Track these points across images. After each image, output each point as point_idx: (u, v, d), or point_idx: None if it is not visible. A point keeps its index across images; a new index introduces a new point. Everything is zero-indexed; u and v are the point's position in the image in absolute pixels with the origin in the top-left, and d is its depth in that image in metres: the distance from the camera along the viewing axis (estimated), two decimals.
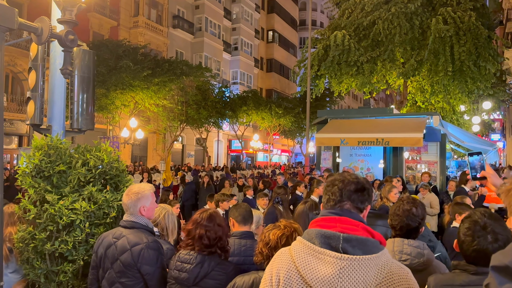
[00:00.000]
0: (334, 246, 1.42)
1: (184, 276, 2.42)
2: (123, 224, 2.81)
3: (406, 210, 2.35)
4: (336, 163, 11.91)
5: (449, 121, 16.71)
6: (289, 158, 44.48)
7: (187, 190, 12.22)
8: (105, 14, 26.36)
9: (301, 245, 1.50)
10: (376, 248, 1.45)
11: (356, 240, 1.43)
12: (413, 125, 10.11)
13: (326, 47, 15.38)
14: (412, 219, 2.34)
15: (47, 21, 3.49)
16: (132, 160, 27.26)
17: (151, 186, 2.99)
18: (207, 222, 2.52)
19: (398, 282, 1.41)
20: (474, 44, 13.46)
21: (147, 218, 2.83)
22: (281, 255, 1.56)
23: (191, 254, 2.47)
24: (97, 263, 2.83)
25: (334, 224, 1.49)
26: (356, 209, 1.56)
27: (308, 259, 1.45)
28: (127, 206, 2.80)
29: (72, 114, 4.19)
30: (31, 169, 3.36)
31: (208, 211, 2.63)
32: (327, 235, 1.45)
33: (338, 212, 1.53)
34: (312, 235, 1.48)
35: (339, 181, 1.59)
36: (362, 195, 1.57)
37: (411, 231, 2.35)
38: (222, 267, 2.49)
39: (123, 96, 19.71)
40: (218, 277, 2.44)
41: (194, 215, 2.66)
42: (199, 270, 2.41)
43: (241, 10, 38.63)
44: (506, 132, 33.77)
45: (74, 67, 4.05)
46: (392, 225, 2.40)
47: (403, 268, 1.47)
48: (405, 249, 2.27)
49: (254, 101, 28.54)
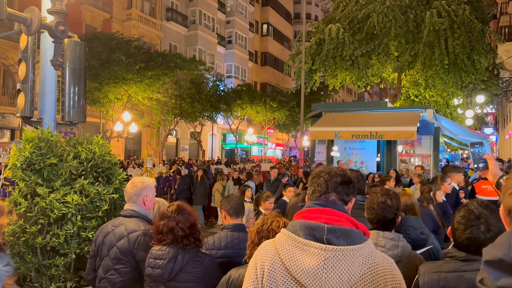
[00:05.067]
0: (319, 237, 1.42)
1: (158, 273, 2.37)
2: (123, 213, 2.85)
3: (381, 202, 2.35)
4: (330, 156, 11.92)
5: (443, 115, 16.77)
6: (284, 151, 44.54)
7: (180, 184, 12.18)
8: (98, 7, 26.08)
9: (285, 236, 1.49)
10: (360, 239, 1.45)
11: (340, 231, 1.43)
12: (407, 118, 10.13)
13: (320, 41, 15.33)
14: (387, 210, 2.35)
15: (37, 11, 3.43)
16: (125, 153, 27.14)
17: (153, 179, 3.02)
18: (177, 214, 2.48)
19: (382, 272, 1.42)
20: (468, 37, 13.49)
21: (147, 208, 2.89)
22: (265, 247, 1.55)
23: (163, 250, 2.42)
24: (95, 252, 2.84)
25: (319, 215, 1.48)
26: (341, 200, 1.57)
27: (293, 250, 1.44)
28: (130, 194, 2.83)
29: (63, 107, 4.14)
30: (21, 162, 3.32)
31: (174, 203, 2.60)
32: (311, 226, 1.45)
33: (323, 203, 1.54)
34: (296, 226, 1.48)
35: (325, 172, 1.60)
36: (348, 187, 1.59)
37: (388, 223, 2.36)
38: (197, 259, 2.45)
39: (116, 90, 19.58)
40: (193, 270, 2.41)
41: (161, 210, 2.62)
42: (173, 265, 2.36)
43: (235, 3, 38.39)
44: (499, 126, 34.02)
45: (65, 59, 3.99)
46: (369, 218, 2.41)
47: (387, 258, 1.48)
48: (380, 241, 2.28)
49: (248, 95, 28.48)
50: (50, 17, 3.67)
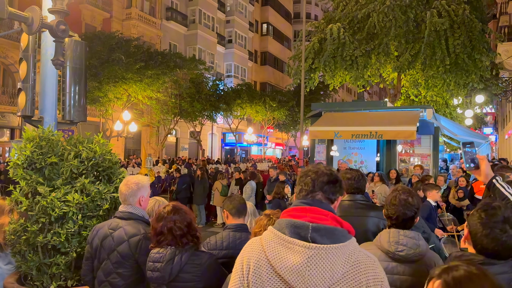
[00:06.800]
0: (303, 236, 1.46)
1: (157, 276, 2.39)
2: (119, 215, 2.80)
3: (403, 199, 2.36)
4: (330, 156, 11.93)
5: (442, 114, 16.78)
6: (283, 151, 44.55)
7: (179, 183, 12.18)
8: (98, 6, 26.06)
9: (271, 234, 1.53)
10: (344, 237, 1.48)
11: (324, 230, 1.46)
12: (407, 118, 10.13)
13: (321, 40, 15.33)
14: (408, 208, 2.34)
15: (38, 10, 3.44)
16: (125, 153, 27.14)
17: (147, 177, 3.00)
18: (173, 214, 2.48)
19: (365, 270, 1.44)
20: (469, 37, 13.49)
21: (143, 209, 2.85)
22: (252, 245, 1.59)
23: (161, 253, 2.42)
24: (91, 254, 2.82)
25: (305, 214, 1.52)
26: (327, 199, 1.60)
27: (278, 248, 1.48)
28: (125, 196, 2.79)
29: (64, 106, 4.14)
30: (22, 161, 3.32)
31: (170, 204, 2.60)
32: (296, 225, 1.48)
33: (309, 202, 1.57)
34: (282, 225, 1.52)
35: (313, 172, 1.63)
36: (334, 186, 1.62)
37: (407, 220, 2.36)
38: (195, 258, 2.44)
39: (116, 89, 19.57)
40: (193, 270, 2.40)
41: (158, 211, 2.61)
42: (171, 267, 2.37)
43: (235, 3, 38.37)
44: (498, 126, 34.03)
45: (65, 58, 4.00)
46: (388, 214, 2.40)
47: (370, 256, 1.51)
48: (401, 240, 2.27)
49: (248, 95, 28.48)
50: (51, 17, 3.67)
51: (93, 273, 2.82)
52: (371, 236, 2.76)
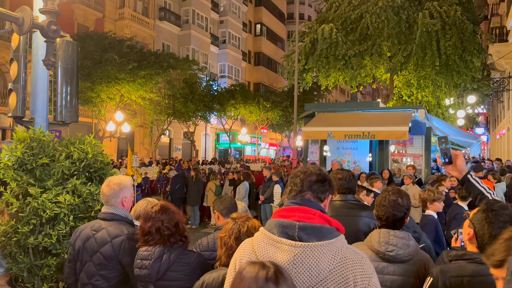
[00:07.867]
0: (291, 235, 1.49)
1: (145, 273, 2.37)
2: (101, 216, 2.76)
3: (392, 200, 2.37)
4: (324, 156, 11.96)
5: (435, 115, 16.90)
6: (277, 151, 44.60)
7: (172, 183, 12.14)
8: (90, 6, 25.90)
9: (261, 235, 1.58)
10: (331, 235, 1.50)
11: (311, 228, 1.49)
12: (399, 118, 10.19)
13: (313, 41, 15.37)
14: (398, 209, 2.36)
15: (29, 10, 3.42)
16: (118, 153, 26.99)
17: (130, 178, 2.98)
18: (161, 214, 2.47)
19: (352, 267, 1.46)
20: (460, 38, 13.61)
21: (126, 209, 2.81)
22: (244, 245, 1.64)
23: (149, 250, 2.41)
24: (74, 256, 2.76)
25: (293, 213, 1.55)
26: (316, 198, 1.63)
27: (267, 248, 1.52)
28: (108, 197, 2.75)
29: (55, 107, 4.12)
30: (13, 162, 3.30)
31: (158, 203, 2.58)
32: (284, 224, 1.52)
33: (298, 201, 1.61)
34: (272, 225, 1.56)
35: (302, 172, 1.67)
36: (323, 185, 1.65)
37: (397, 221, 2.38)
38: (183, 257, 2.44)
39: (109, 89, 19.48)
40: (181, 268, 2.40)
41: (145, 211, 2.60)
42: (159, 264, 2.36)
43: (228, 3, 38.35)
44: (490, 126, 34.36)
45: (57, 58, 3.98)
46: (378, 215, 2.42)
47: (358, 253, 1.53)
48: (391, 240, 2.29)
49: (242, 95, 28.48)
50: (42, 17, 3.65)
51: (76, 276, 2.76)
52: (362, 236, 2.78)
